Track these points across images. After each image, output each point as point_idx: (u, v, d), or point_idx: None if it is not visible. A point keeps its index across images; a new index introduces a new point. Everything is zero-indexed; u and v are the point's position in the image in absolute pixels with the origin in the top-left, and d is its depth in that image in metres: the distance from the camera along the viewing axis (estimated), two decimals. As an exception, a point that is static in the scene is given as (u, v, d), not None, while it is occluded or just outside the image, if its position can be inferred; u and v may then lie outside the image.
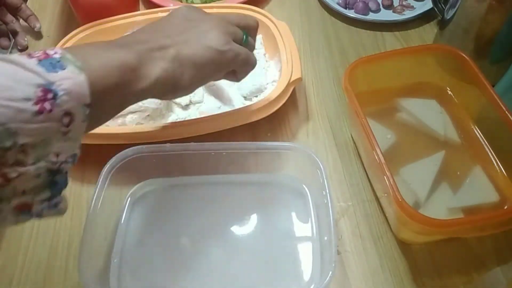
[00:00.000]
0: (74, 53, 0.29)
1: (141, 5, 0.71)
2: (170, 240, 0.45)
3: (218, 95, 0.57)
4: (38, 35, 0.67)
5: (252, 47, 0.44)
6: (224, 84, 0.58)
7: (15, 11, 0.65)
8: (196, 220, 0.46)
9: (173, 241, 0.45)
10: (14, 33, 0.64)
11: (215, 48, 0.37)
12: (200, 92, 0.55)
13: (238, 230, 0.45)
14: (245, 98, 0.55)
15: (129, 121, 0.53)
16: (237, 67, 0.41)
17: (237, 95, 0.55)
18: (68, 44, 0.58)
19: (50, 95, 0.26)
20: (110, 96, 0.31)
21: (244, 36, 0.42)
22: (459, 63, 0.49)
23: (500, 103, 0.44)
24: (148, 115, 0.54)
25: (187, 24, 0.38)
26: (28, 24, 0.66)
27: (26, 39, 0.65)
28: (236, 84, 0.56)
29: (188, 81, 0.37)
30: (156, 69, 0.34)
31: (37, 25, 0.66)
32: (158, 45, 0.35)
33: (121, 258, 0.43)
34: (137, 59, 0.33)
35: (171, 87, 0.36)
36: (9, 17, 0.64)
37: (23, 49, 0.64)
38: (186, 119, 0.53)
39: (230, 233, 0.45)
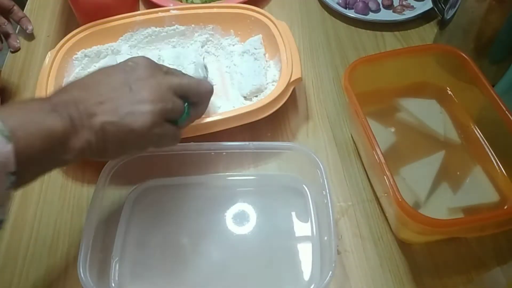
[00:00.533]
0: (4, 119, 0.30)
1: (141, 5, 0.71)
2: (169, 240, 0.45)
3: (217, 95, 0.57)
4: (30, 37, 0.67)
5: (194, 118, 0.42)
6: (225, 84, 0.58)
7: (7, 14, 0.65)
8: (195, 220, 0.46)
9: (172, 241, 0.45)
10: (6, 35, 0.65)
11: (139, 131, 0.36)
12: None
13: (238, 230, 0.45)
14: (245, 98, 0.55)
15: None
16: (162, 145, 0.40)
17: (237, 95, 0.55)
18: (67, 44, 0.58)
19: None
20: (36, 163, 0.32)
21: (185, 109, 0.39)
22: (459, 63, 0.49)
23: (500, 103, 0.44)
24: None
25: (124, 88, 0.36)
26: (21, 26, 0.66)
27: (18, 41, 0.65)
28: (236, 84, 0.56)
29: (111, 155, 0.37)
30: (80, 141, 0.34)
31: (29, 27, 0.66)
32: (87, 111, 0.34)
33: (121, 258, 0.43)
34: (64, 128, 0.33)
35: (96, 157, 0.36)
36: (1, 20, 0.64)
37: (16, 51, 0.65)
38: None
39: (230, 233, 0.45)
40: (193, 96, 0.40)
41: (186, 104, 0.40)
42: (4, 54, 0.65)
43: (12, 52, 0.64)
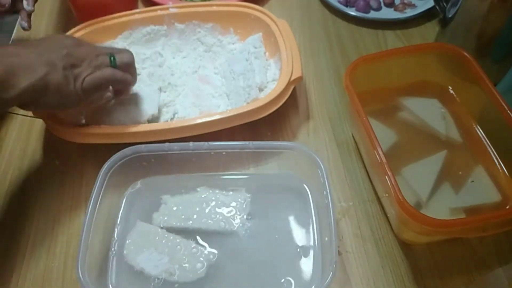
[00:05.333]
0: None
1: (139, 3, 0.70)
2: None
3: (217, 94, 0.56)
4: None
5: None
6: (224, 83, 0.58)
7: None
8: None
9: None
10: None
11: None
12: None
13: (238, 230, 0.45)
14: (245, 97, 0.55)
15: None
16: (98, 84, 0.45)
17: (237, 94, 0.55)
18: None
19: None
20: None
21: (111, 58, 0.46)
22: (461, 61, 0.48)
23: (502, 102, 0.44)
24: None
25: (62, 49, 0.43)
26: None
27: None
28: (236, 83, 0.56)
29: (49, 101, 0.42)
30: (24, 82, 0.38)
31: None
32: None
33: (120, 258, 0.43)
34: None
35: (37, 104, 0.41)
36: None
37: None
38: (186, 118, 0.53)
39: (230, 233, 0.45)
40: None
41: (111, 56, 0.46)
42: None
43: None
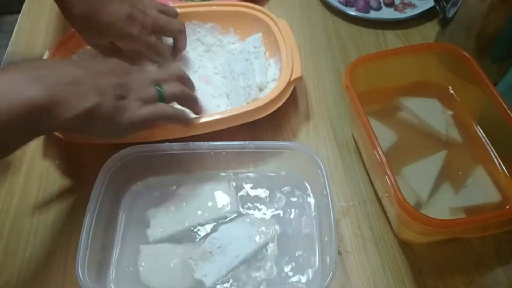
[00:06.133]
0: None
1: (140, 3, 0.70)
2: (169, 239, 0.44)
3: (217, 94, 0.56)
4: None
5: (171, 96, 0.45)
6: (224, 82, 0.58)
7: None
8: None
9: (172, 240, 0.44)
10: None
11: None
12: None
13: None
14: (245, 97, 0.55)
15: None
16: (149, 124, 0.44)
17: (237, 94, 0.55)
18: (66, 43, 0.57)
19: None
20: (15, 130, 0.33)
21: (160, 92, 0.44)
22: (461, 61, 0.48)
23: (502, 102, 0.44)
24: None
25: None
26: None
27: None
28: (235, 82, 0.56)
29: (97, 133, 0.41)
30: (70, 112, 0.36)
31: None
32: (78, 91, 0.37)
33: (120, 258, 0.43)
34: (48, 98, 0.34)
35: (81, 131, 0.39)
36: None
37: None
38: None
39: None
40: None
41: (158, 87, 0.44)
42: (2, 53, 0.65)
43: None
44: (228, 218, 0.45)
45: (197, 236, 0.44)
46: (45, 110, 0.33)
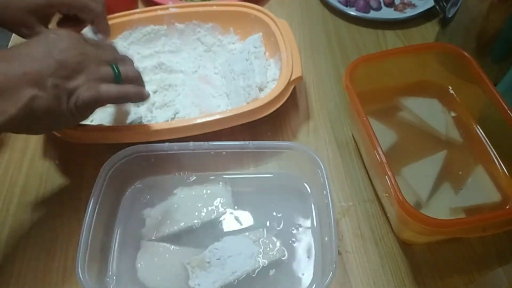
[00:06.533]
0: None
1: (139, 3, 0.70)
2: (168, 239, 0.44)
3: (217, 94, 0.56)
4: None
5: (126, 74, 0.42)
6: (224, 82, 0.58)
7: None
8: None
9: (172, 240, 0.44)
10: None
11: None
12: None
13: (238, 230, 0.45)
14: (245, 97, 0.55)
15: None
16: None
17: (236, 94, 0.55)
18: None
19: None
20: None
21: (115, 69, 0.40)
22: (461, 61, 0.48)
23: (502, 102, 0.44)
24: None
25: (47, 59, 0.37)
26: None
27: None
28: (235, 82, 0.56)
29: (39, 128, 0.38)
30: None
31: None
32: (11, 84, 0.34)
33: (120, 258, 0.43)
34: None
35: (23, 130, 0.36)
36: None
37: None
38: (186, 118, 0.53)
39: (230, 233, 0.45)
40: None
41: (115, 66, 0.40)
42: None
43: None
44: (224, 220, 0.45)
45: (197, 239, 0.44)
46: None
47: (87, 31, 0.55)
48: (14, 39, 0.66)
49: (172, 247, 0.43)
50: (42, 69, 0.35)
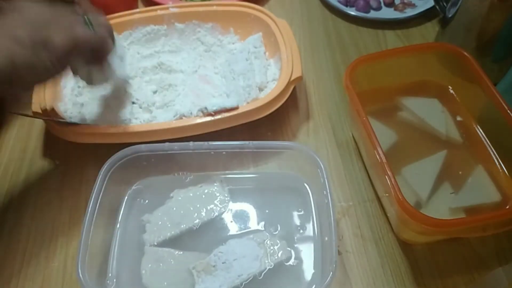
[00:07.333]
0: None
1: (139, 3, 0.70)
2: (169, 239, 0.44)
3: (217, 93, 0.56)
4: None
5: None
6: (224, 82, 0.58)
7: None
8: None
9: (172, 239, 0.44)
10: None
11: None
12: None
13: (238, 230, 0.45)
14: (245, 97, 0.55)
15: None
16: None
17: (236, 93, 0.55)
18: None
19: None
20: None
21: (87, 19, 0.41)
22: (461, 61, 0.48)
23: (502, 102, 0.44)
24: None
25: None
26: None
27: None
28: (235, 82, 0.56)
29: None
30: None
31: None
32: None
33: (120, 258, 0.43)
34: None
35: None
36: None
37: None
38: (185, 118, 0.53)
39: (230, 233, 0.45)
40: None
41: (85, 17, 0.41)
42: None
43: None
44: (224, 220, 0.45)
45: (201, 242, 0.44)
46: None
47: None
48: None
49: (177, 252, 0.43)
50: (16, 26, 0.36)
